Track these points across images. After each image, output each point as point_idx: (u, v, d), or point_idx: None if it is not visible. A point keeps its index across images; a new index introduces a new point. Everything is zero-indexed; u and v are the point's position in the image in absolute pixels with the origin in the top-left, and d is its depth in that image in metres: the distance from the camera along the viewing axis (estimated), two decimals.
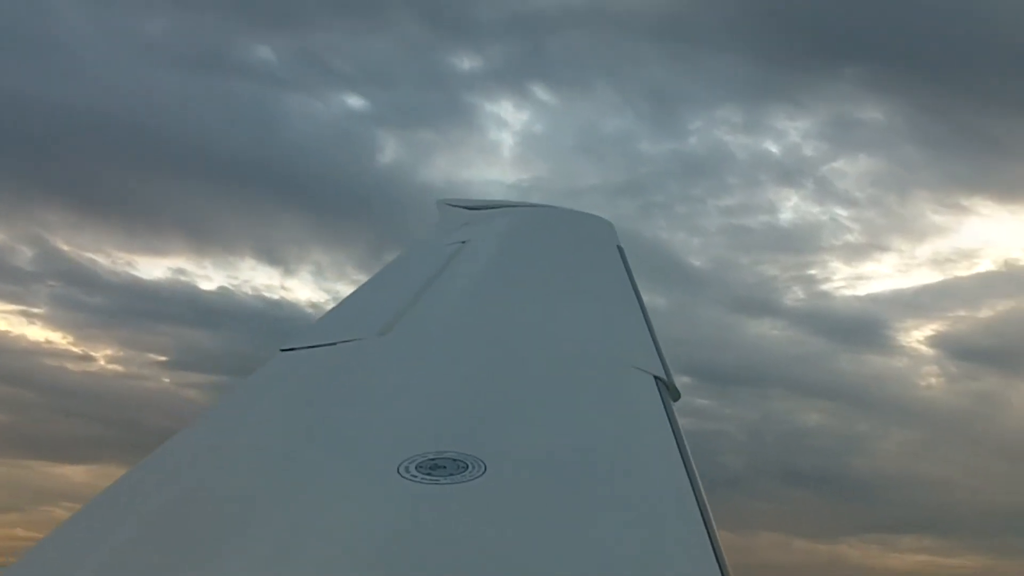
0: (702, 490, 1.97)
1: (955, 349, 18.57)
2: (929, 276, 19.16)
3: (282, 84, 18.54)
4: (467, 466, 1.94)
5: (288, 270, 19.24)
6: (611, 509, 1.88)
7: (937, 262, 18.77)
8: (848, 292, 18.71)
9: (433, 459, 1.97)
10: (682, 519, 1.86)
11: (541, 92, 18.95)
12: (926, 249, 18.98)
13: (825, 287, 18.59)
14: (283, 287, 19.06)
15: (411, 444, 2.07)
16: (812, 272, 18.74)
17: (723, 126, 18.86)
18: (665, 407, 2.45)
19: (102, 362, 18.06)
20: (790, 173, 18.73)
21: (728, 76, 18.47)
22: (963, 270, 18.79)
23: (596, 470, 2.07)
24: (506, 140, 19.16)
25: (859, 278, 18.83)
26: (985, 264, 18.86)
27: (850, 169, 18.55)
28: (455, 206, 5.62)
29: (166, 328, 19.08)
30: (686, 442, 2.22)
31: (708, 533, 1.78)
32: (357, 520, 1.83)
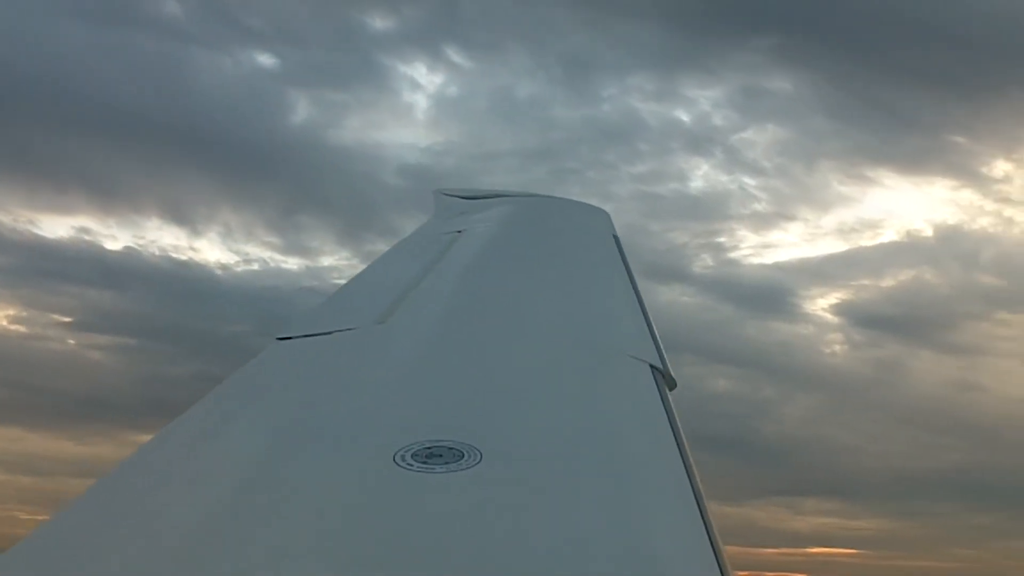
0: (699, 480, 1.97)
1: (859, 317, 18.99)
2: (834, 245, 19.55)
3: (190, 39, 18.15)
4: (463, 455, 1.94)
5: (195, 231, 18.99)
6: (607, 498, 1.88)
7: (842, 232, 19.14)
8: (755, 260, 19.03)
9: (429, 448, 1.97)
10: (678, 509, 1.86)
11: (455, 55, 18.86)
12: (831, 219, 19.39)
13: (733, 255, 18.91)
14: (191, 248, 18.86)
15: (407, 433, 2.06)
16: (721, 240, 19.07)
17: (636, 93, 19.00)
18: (661, 396, 2.45)
19: (4, 322, 17.86)
20: (700, 142, 18.97)
21: (641, 43, 18.58)
22: (867, 240, 19.18)
23: (592, 459, 2.06)
24: (420, 103, 19.08)
25: (766, 246, 19.19)
26: (888, 234, 19.28)
27: (758, 138, 18.86)
28: (452, 195, 5.62)
29: (70, 288, 18.83)
30: (682, 431, 2.22)
31: (705, 524, 1.78)
32: (353, 509, 1.83)
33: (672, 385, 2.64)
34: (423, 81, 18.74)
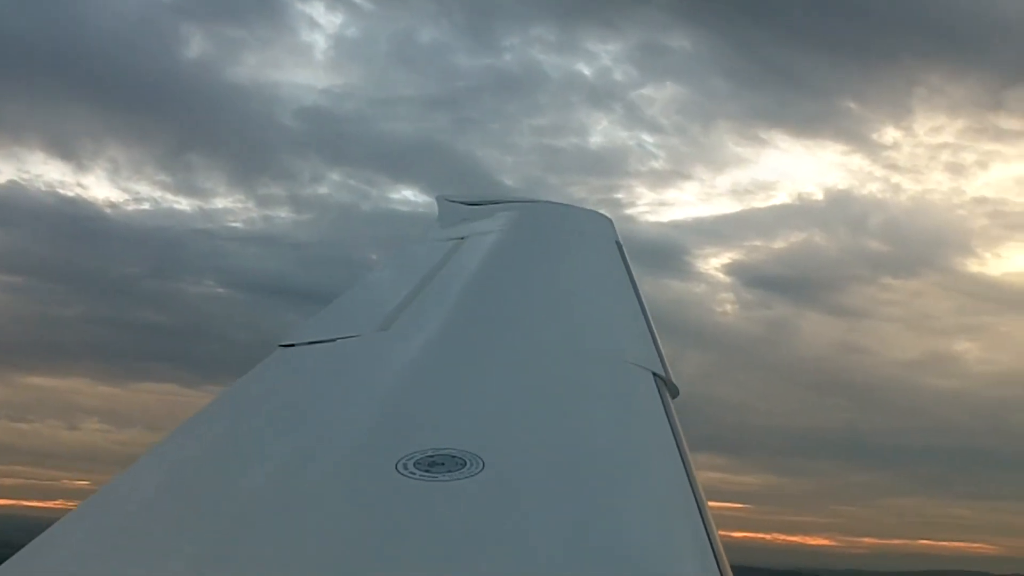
0: (700, 489, 1.97)
1: (750, 277, 19.34)
2: (728, 206, 19.93)
3: None
4: (465, 463, 1.94)
5: (81, 166, 18.68)
6: (609, 506, 1.88)
7: (736, 192, 19.49)
8: (652, 218, 19.39)
9: (431, 456, 1.97)
10: (680, 517, 1.86)
11: None
12: (726, 179, 19.75)
13: (630, 211, 19.27)
14: (79, 184, 18.54)
15: (409, 441, 2.07)
16: (618, 196, 19.36)
17: (537, 44, 19.12)
18: (664, 404, 2.45)
19: None
20: (600, 97, 19.15)
21: None
22: (760, 201, 19.52)
23: (594, 467, 2.06)
24: (319, 43, 18.90)
25: (662, 204, 19.54)
26: (781, 197, 19.64)
27: (658, 96, 19.11)
28: (454, 202, 5.64)
29: None
30: (684, 440, 2.22)
31: (707, 531, 1.78)
32: (355, 517, 1.83)
33: (675, 393, 2.64)
34: (322, 20, 18.52)
